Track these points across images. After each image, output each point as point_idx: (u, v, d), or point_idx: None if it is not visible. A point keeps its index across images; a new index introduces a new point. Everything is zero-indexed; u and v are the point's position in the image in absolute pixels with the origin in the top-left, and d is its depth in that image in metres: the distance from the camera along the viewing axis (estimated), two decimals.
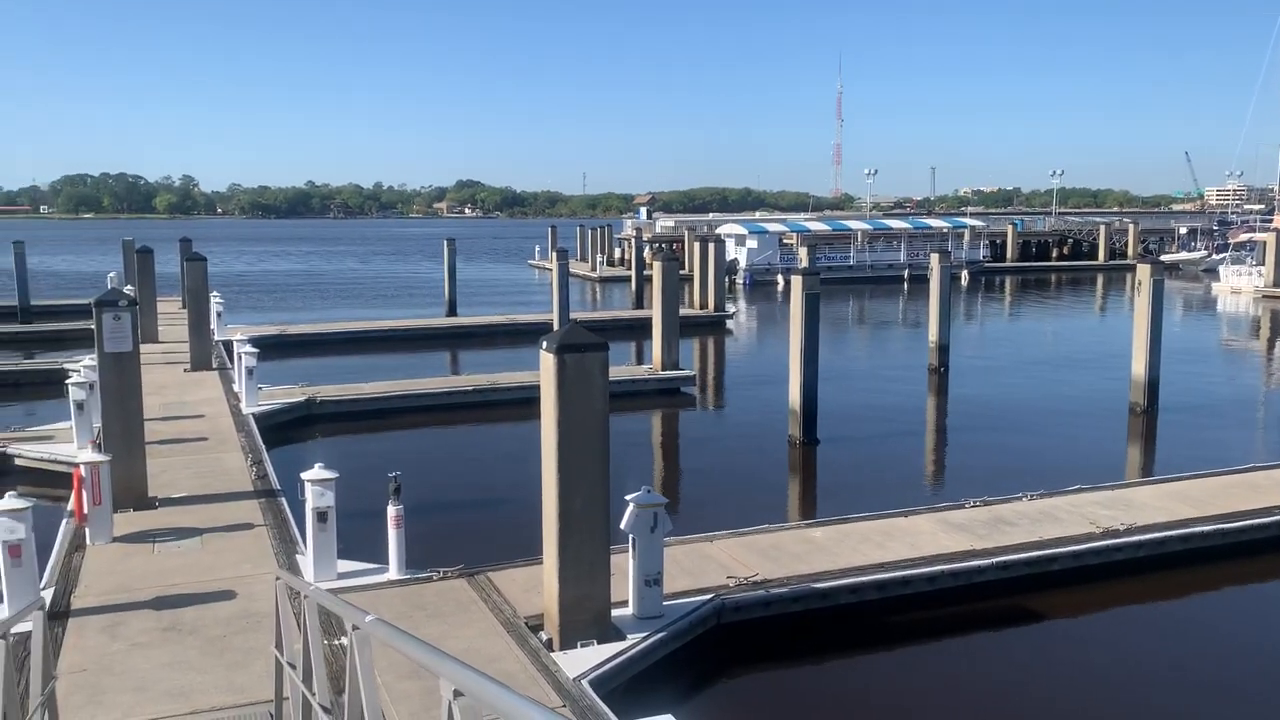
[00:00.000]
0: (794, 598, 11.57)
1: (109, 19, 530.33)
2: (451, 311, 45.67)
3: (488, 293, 59.61)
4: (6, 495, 10.69)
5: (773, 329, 42.91)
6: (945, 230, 73.68)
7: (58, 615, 10.57)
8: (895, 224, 75.69)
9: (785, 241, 68.49)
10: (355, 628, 4.48)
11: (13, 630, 6.07)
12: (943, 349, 29.15)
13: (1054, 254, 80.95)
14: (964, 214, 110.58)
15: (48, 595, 10.96)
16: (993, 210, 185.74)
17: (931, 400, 26.58)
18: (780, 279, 61.45)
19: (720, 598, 11.21)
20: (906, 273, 65.46)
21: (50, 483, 17.14)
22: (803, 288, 19.93)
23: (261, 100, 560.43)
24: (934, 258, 29.94)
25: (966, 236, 72.94)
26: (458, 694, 2.97)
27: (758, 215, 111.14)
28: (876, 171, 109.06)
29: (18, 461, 18.28)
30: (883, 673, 11.10)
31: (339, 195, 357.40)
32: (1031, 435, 22.13)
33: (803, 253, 61.53)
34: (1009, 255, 77.19)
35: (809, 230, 70.65)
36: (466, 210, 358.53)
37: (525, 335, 36.74)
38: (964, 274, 63.66)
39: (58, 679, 7.92)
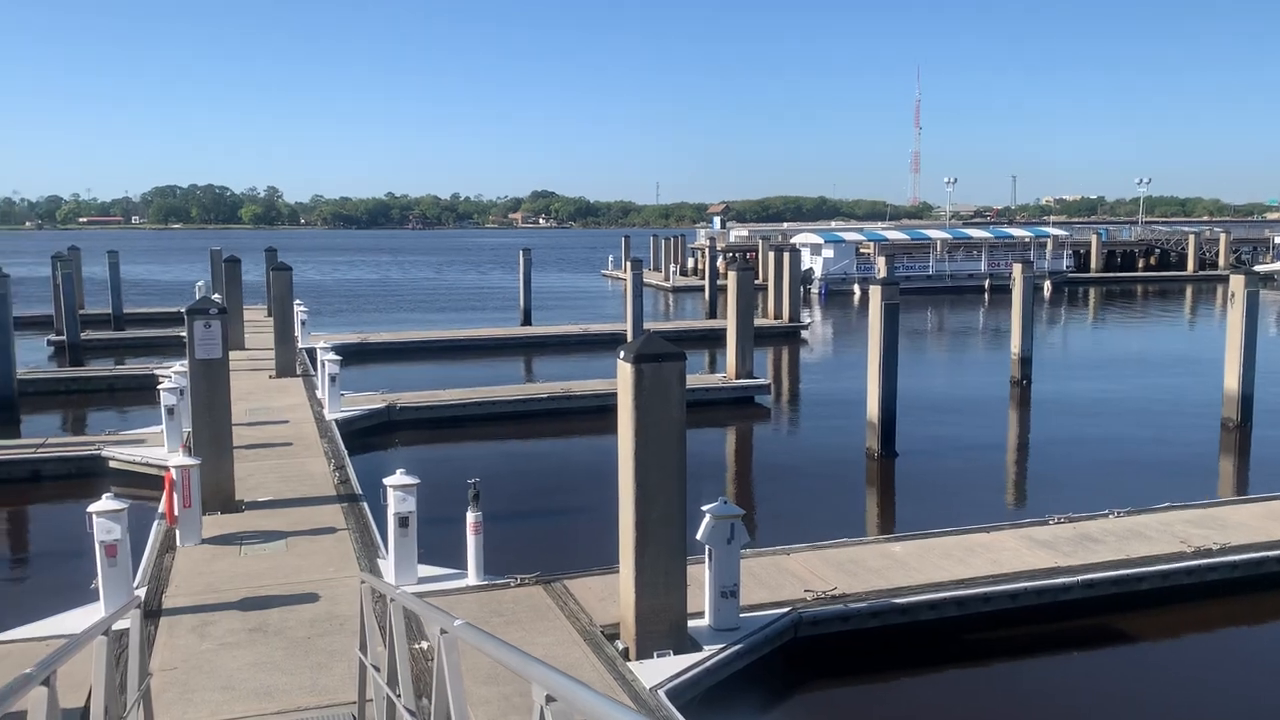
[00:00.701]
0: (873, 613, 11.41)
1: (194, 37, 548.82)
2: (526, 321, 46.12)
3: (561, 302, 60.03)
4: (104, 497, 11.06)
5: (849, 340, 42.46)
6: (1027, 239, 72.17)
7: (150, 614, 10.89)
8: (975, 233, 74.38)
9: (862, 251, 67.77)
10: (443, 631, 4.53)
11: (112, 627, 6.26)
12: (1025, 361, 28.55)
13: (1140, 264, 78.73)
14: (1046, 223, 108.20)
15: (141, 594, 11.29)
16: (1076, 219, 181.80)
17: (1014, 413, 26.03)
18: (857, 289, 60.92)
19: (798, 611, 11.11)
20: (987, 283, 64.25)
21: (141, 484, 17.67)
22: (881, 297, 19.69)
23: (343, 113, 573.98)
24: (1016, 268, 29.35)
25: (1049, 246, 71.32)
26: (550, 699, 2.98)
27: (833, 224, 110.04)
28: (956, 180, 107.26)
29: (111, 464, 18.90)
30: (963, 691, 10.88)
31: (417, 206, 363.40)
32: (1118, 450, 21.53)
33: (880, 262, 60.76)
34: (1093, 265, 75.30)
35: (886, 239, 69.76)
36: (541, 220, 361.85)
37: (599, 345, 36.92)
38: (1046, 284, 62.28)
39: (152, 675, 8.15)
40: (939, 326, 48.46)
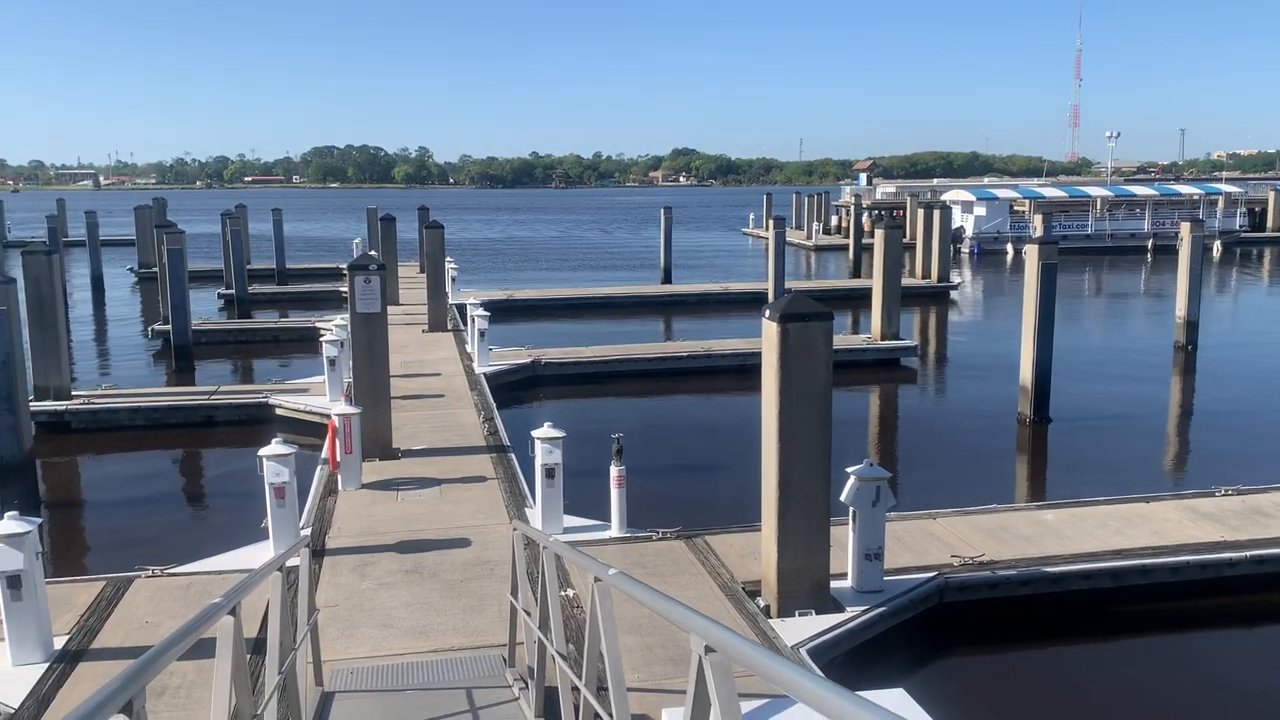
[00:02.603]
0: (1022, 581, 11.11)
1: (350, 5, 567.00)
2: (667, 279, 46.24)
3: (701, 261, 59.85)
4: (273, 441, 11.70)
5: (1001, 301, 41.05)
6: (1196, 197, 68.01)
7: (316, 553, 11.51)
8: (1139, 190, 70.44)
9: (1016, 208, 65.16)
10: (597, 579, 4.65)
11: (285, 564, 6.67)
12: (1191, 325, 27.05)
13: None
14: (1218, 179, 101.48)
15: (306, 534, 11.92)
16: (1251, 175, 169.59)
17: (1177, 380, 24.74)
18: (1010, 248, 58.70)
19: (944, 576, 10.92)
20: (1150, 243, 60.99)
21: (305, 431, 18.60)
22: (1039, 257, 18.92)
23: (490, 75, 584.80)
24: (1184, 226, 27.76)
25: (1220, 203, 67.09)
26: (709, 650, 3.04)
27: (986, 181, 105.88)
28: (1119, 134, 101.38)
29: (278, 411, 19.96)
30: (1117, 663, 10.52)
31: (560, 165, 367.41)
32: None
33: (1037, 220, 58.24)
34: (1269, 224, 70.37)
35: (1043, 197, 66.79)
36: (681, 178, 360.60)
37: (739, 304, 36.80)
38: (1216, 244, 58.65)
39: (319, 611, 8.64)
40: (1097, 288, 46.30)
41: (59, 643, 9.18)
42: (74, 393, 20.18)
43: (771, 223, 35.90)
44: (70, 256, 52.62)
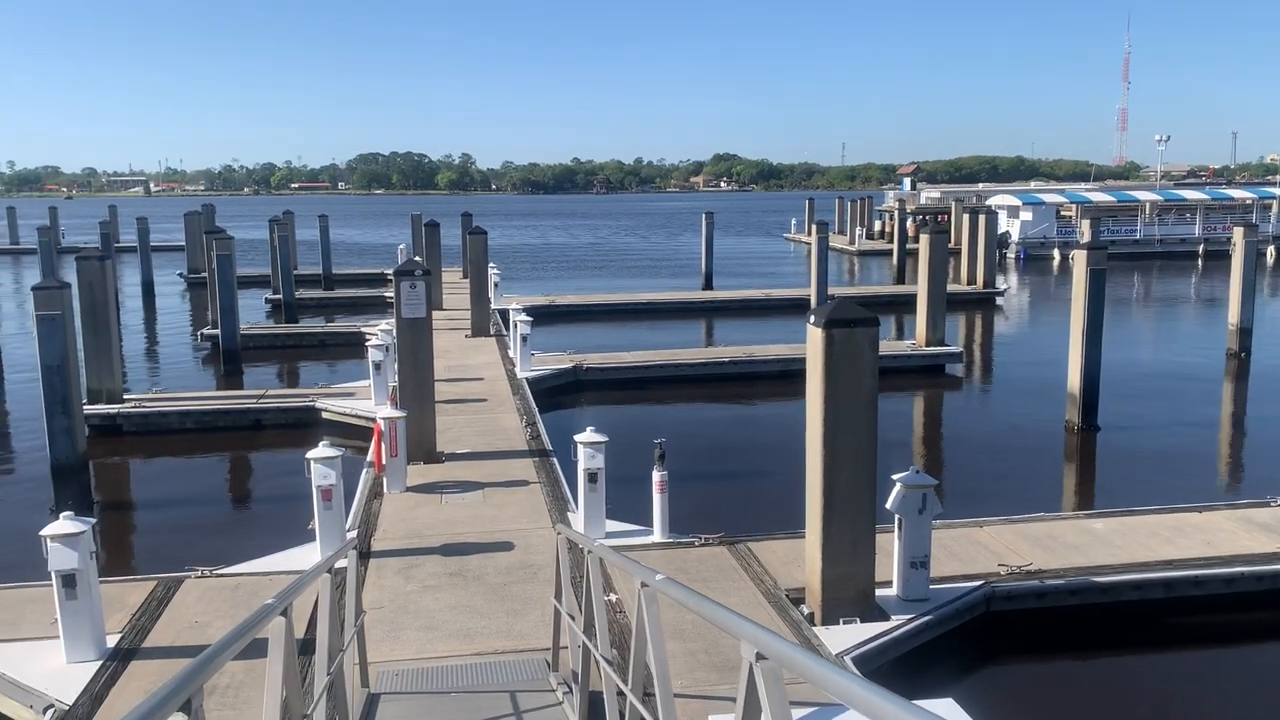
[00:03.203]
0: (1071, 590, 10.94)
1: (394, 14, 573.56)
2: (708, 285, 46.14)
3: (741, 266, 59.65)
4: (320, 444, 11.83)
5: (1048, 307, 40.52)
6: (1249, 201, 66.70)
7: (362, 556, 11.60)
8: (1189, 194, 69.21)
9: (1063, 213, 64.33)
10: (644, 585, 4.64)
11: (333, 566, 6.73)
12: (1244, 332, 26.53)
13: None
14: (1272, 183, 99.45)
15: (353, 536, 12.03)
16: None
17: (1229, 387, 24.26)
18: (1057, 253, 57.98)
19: (991, 585, 10.78)
20: (1201, 248, 59.91)
21: (350, 435, 18.78)
22: (1087, 263, 18.66)
23: (533, 82, 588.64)
24: (1237, 231, 27.23)
25: (1274, 208, 65.68)
26: (760, 657, 3.02)
27: (1032, 185, 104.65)
28: (1169, 137, 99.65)
29: (324, 415, 20.18)
30: (1168, 675, 10.33)
31: (602, 171, 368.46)
32: None
33: (1085, 225, 57.47)
34: None
35: (1090, 201, 65.88)
36: (722, 184, 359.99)
37: (781, 310, 36.62)
38: (1270, 249, 57.47)
39: (365, 613, 8.71)
40: (1147, 294, 45.54)
41: (111, 641, 9.34)
42: (126, 396, 20.53)
43: (815, 228, 35.72)
44: (122, 262, 53.55)
